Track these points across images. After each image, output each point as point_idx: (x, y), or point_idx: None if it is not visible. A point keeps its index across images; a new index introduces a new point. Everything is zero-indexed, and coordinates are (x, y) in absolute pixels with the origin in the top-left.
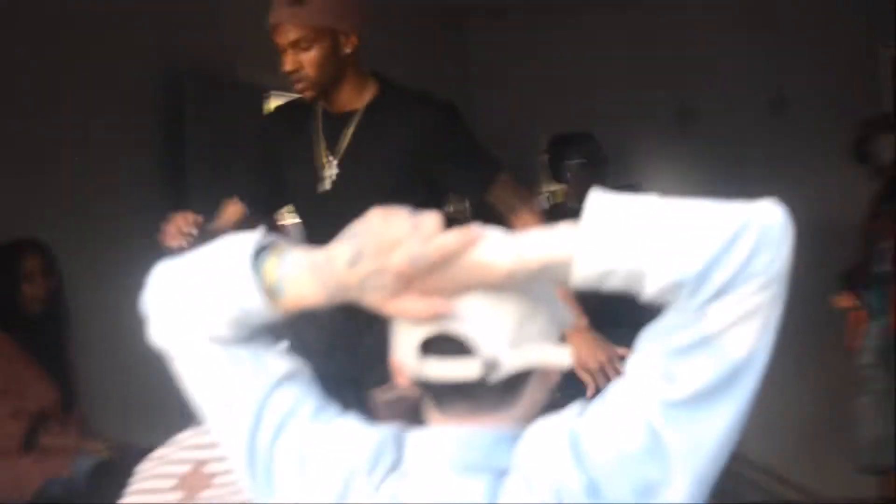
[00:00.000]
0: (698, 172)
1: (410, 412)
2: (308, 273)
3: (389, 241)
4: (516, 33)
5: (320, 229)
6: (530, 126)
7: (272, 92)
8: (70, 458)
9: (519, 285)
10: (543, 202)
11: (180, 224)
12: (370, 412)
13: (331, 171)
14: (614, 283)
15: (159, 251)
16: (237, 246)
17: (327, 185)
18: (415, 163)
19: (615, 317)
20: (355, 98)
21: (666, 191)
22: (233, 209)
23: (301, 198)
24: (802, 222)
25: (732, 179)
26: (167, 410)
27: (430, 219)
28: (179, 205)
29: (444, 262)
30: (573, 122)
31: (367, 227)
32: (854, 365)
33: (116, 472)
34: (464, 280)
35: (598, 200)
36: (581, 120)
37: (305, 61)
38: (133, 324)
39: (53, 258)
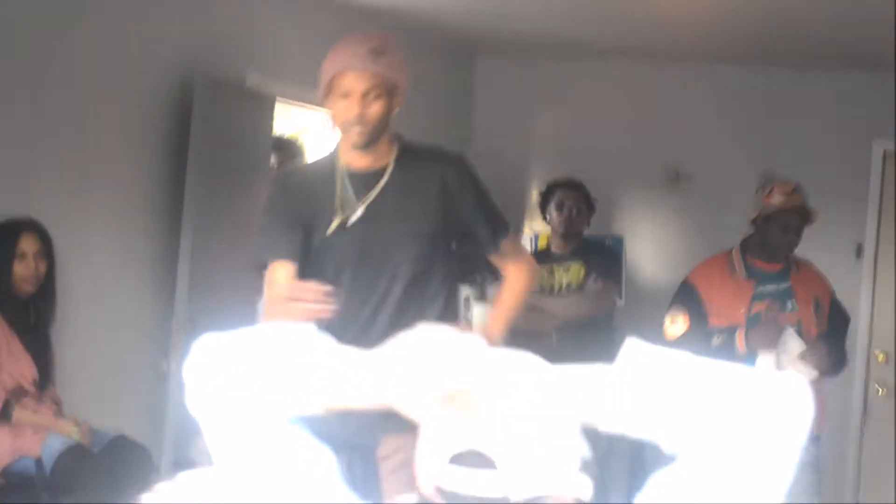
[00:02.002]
0: (683, 229)
1: None
2: (351, 377)
3: (435, 359)
4: (521, 74)
5: (332, 262)
6: (525, 166)
7: (280, 100)
8: (41, 438)
9: (549, 418)
10: (528, 243)
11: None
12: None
13: (356, 214)
14: (635, 437)
15: (151, 246)
16: (290, 339)
17: (350, 222)
18: (436, 216)
19: None
20: (383, 156)
21: (649, 244)
22: (286, 269)
23: (318, 236)
24: None
25: (716, 241)
26: (139, 399)
27: (477, 342)
28: (176, 202)
29: (480, 389)
30: (566, 167)
31: (415, 342)
32: None
33: (85, 455)
34: (497, 405)
35: (630, 357)
36: (574, 166)
37: (371, 111)
38: (116, 313)
39: (49, 240)
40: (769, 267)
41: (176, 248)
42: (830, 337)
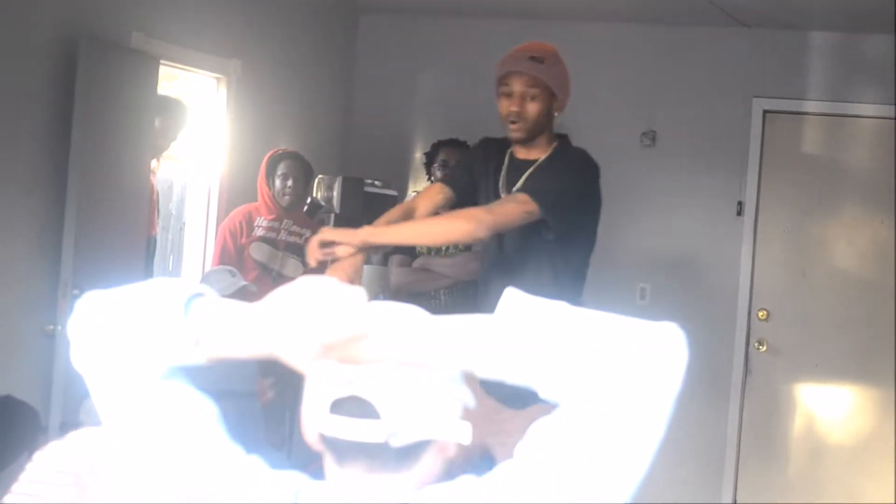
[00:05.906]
0: None
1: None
2: (234, 328)
3: (317, 310)
4: (403, 32)
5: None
6: (409, 126)
7: (164, 62)
8: None
9: (430, 366)
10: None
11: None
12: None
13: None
14: (514, 383)
15: (35, 207)
16: (171, 293)
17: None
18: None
19: None
20: (540, 151)
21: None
22: (439, 193)
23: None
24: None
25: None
26: (26, 361)
27: (358, 294)
28: (61, 164)
29: (361, 339)
30: (450, 127)
31: (297, 294)
32: None
33: None
34: (378, 355)
35: (509, 306)
36: (457, 126)
37: (528, 109)
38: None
39: None
40: None
41: (61, 210)
42: None
